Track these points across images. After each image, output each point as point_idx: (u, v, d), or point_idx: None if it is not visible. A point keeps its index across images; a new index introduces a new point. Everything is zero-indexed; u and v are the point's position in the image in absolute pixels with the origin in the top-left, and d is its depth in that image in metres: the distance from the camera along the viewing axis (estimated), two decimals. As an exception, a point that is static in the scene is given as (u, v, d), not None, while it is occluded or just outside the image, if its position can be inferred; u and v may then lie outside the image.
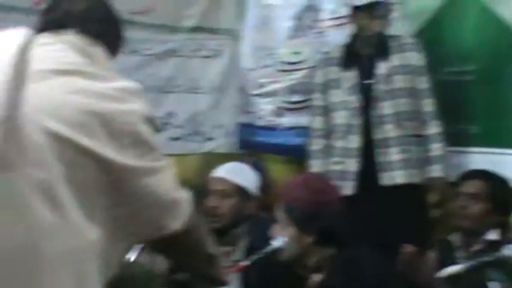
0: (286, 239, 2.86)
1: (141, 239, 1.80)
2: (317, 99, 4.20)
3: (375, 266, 2.84)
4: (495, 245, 3.10)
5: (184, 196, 1.85)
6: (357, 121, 3.95)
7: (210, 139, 5.01)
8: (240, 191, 3.58)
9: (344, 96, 4.02)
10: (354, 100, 3.96)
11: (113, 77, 1.71)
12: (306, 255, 2.84)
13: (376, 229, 3.69)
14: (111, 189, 1.61)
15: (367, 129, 3.93)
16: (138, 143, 1.68)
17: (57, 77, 1.60)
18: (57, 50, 1.71)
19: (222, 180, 3.63)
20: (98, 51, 1.79)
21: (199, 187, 4.81)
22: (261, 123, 4.91)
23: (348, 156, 3.94)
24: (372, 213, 3.78)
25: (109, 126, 1.61)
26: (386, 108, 3.91)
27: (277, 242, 2.88)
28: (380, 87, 3.94)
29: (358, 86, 3.99)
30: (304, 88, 4.69)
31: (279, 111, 4.84)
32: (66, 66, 1.65)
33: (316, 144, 4.14)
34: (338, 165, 3.96)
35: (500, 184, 3.39)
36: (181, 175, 4.23)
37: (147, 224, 1.73)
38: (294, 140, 4.73)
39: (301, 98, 4.73)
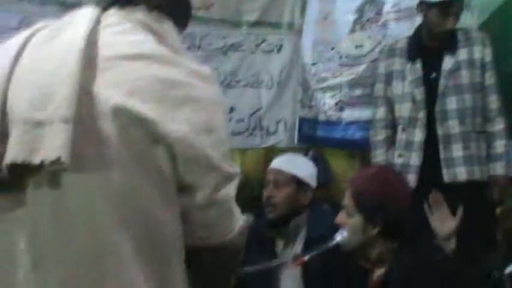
0: (346, 233, 2.84)
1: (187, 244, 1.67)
2: (379, 90, 4.16)
3: (438, 261, 2.81)
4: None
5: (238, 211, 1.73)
6: (420, 115, 3.91)
7: (271, 134, 5.01)
8: (296, 181, 3.58)
9: (408, 88, 3.98)
10: (418, 93, 3.92)
11: (185, 59, 1.63)
12: (369, 246, 2.83)
13: None
14: (176, 178, 1.56)
15: (430, 124, 3.89)
16: (213, 132, 1.61)
17: (128, 63, 1.56)
18: (125, 31, 1.63)
19: (276, 170, 3.65)
20: (167, 28, 1.70)
21: (260, 182, 4.84)
22: (322, 117, 4.90)
23: (410, 150, 3.91)
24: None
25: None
26: (450, 103, 3.86)
27: (339, 237, 2.86)
28: (445, 82, 3.89)
29: (423, 79, 3.95)
30: (365, 82, 4.66)
31: (341, 106, 4.82)
32: (137, 51, 1.58)
33: (379, 135, 4.11)
34: (400, 158, 3.93)
35: None
36: (242, 170, 4.27)
37: (197, 227, 1.63)
38: (356, 135, 4.70)
39: (363, 92, 4.70)
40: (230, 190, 1.65)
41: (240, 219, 1.70)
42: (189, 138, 1.55)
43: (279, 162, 3.73)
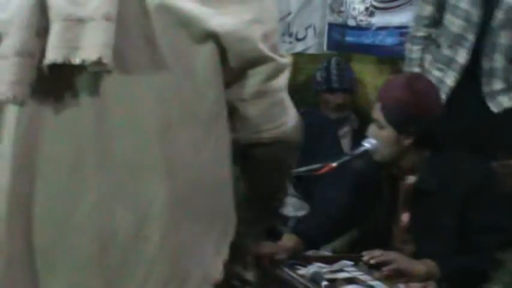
0: (376, 141, 2.84)
1: (238, 139, 1.63)
2: None
3: (470, 169, 2.82)
4: None
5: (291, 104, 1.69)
6: (470, 37, 3.82)
7: (300, 40, 4.98)
8: None
9: (466, 4, 3.86)
10: (475, 15, 3.81)
11: None
12: (402, 156, 2.83)
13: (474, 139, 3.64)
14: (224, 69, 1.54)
15: (476, 51, 3.81)
16: (264, 23, 1.56)
17: None
18: None
19: None
20: None
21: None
22: (351, 23, 4.84)
23: (450, 67, 3.85)
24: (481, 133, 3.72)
25: None
26: (501, 37, 3.77)
27: (368, 144, 2.87)
28: (500, 16, 3.77)
29: (482, 4, 3.82)
30: (396, -13, 4.58)
31: (371, 11, 4.75)
32: None
33: (420, 32, 4.02)
34: (439, 72, 3.87)
35: None
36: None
37: (249, 121, 1.59)
38: (386, 40, 4.65)
39: (394, -3, 4.63)
40: (282, 81, 1.61)
41: (294, 113, 1.67)
42: (238, 30, 1.52)
43: None
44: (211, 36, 1.50)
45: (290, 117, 1.65)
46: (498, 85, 3.76)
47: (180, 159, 1.49)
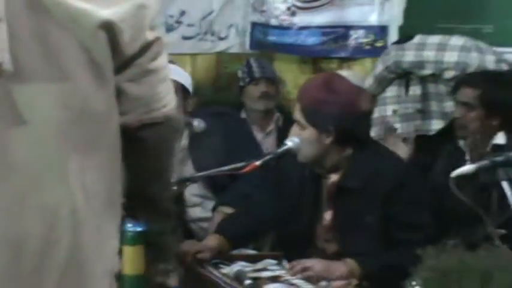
0: (299, 140, 2.86)
1: (129, 122, 1.62)
2: None
3: (391, 166, 2.86)
4: (501, 149, 3.12)
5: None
6: None
7: (222, 39, 4.98)
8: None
9: None
10: None
11: None
12: (325, 155, 2.86)
13: None
14: (114, 51, 1.54)
15: None
16: (148, 8, 1.59)
17: None
18: None
19: None
20: None
21: (211, 87, 4.84)
22: (273, 22, 4.86)
23: None
24: None
25: None
26: None
27: (291, 143, 2.88)
28: None
29: None
30: (317, -14, 4.63)
31: (293, 10, 4.79)
32: None
33: None
34: None
35: (492, 88, 3.31)
36: (193, 75, 4.25)
37: (139, 101, 1.61)
38: (308, 40, 4.69)
39: (315, -4, 4.67)
40: (164, 58, 1.65)
41: (174, 94, 1.70)
42: (130, 17, 1.53)
43: None
44: (104, 27, 1.49)
45: (174, 96, 1.70)
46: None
47: (80, 160, 1.48)
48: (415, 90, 3.92)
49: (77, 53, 1.47)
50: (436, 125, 3.87)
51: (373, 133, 3.69)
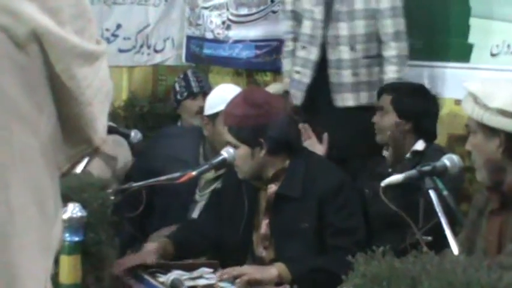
0: (233, 151, 2.91)
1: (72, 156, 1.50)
2: (288, 4, 4.14)
3: (326, 173, 2.93)
4: (420, 156, 3.24)
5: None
6: (319, 34, 3.93)
7: (158, 51, 5.00)
8: None
9: (309, 4, 3.97)
10: (317, 12, 3.93)
11: None
12: (263, 168, 2.91)
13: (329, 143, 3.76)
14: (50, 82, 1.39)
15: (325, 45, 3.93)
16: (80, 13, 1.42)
17: None
18: None
19: None
20: None
21: (148, 100, 4.85)
22: (209, 36, 4.91)
23: (305, 67, 3.95)
24: (326, 128, 3.83)
25: None
26: (342, 29, 3.89)
27: (226, 153, 2.93)
28: (338, 7, 3.89)
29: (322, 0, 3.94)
30: (251, 1, 4.68)
31: (227, 24, 4.84)
32: None
33: (289, 46, 4.12)
34: (298, 75, 3.96)
35: (404, 95, 3.48)
36: (130, 88, 4.27)
37: (79, 130, 1.45)
38: (242, 53, 4.74)
39: (249, 11, 4.72)
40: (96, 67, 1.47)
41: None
42: (57, 29, 1.38)
43: None
44: (32, 38, 1.36)
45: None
46: (347, 78, 3.89)
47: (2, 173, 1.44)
48: None
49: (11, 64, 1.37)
50: None
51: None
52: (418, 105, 3.45)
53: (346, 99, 3.88)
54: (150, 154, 3.68)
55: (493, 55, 3.72)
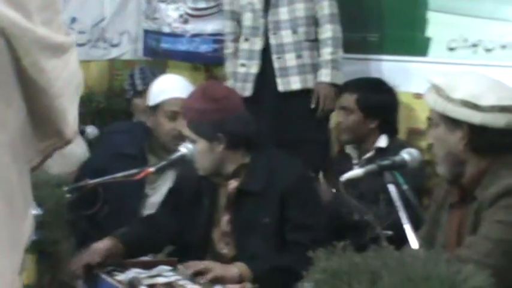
0: (192, 146, 2.89)
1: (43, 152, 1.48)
2: (226, 4, 4.15)
3: (286, 169, 2.91)
4: (384, 152, 3.27)
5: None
6: (260, 23, 3.94)
7: (114, 46, 4.95)
8: None
9: None
10: (257, 2, 3.94)
11: None
12: (223, 163, 2.88)
13: (275, 130, 3.77)
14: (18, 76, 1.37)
15: (267, 33, 3.93)
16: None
17: None
18: None
19: None
20: None
21: (105, 95, 4.80)
22: (166, 30, 4.87)
23: (251, 59, 3.95)
24: (271, 115, 3.84)
25: None
26: (283, 13, 3.91)
27: (185, 149, 2.91)
28: None
29: None
30: (210, -6, 4.67)
31: (185, 18, 4.80)
32: None
33: (228, 48, 4.13)
34: (243, 68, 3.96)
35: (369, 93, 3.50)
36: (86, 83, 4.21)
37: (50, 123, 1.44)
38: (200, 47, 4.72)
39: (207, 4, 4.70)
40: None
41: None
42: (21, 21, 1.35)
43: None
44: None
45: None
46: (290, 61, 3.90)
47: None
48: None
49: None
50: None
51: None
52: (384, 102, 3.50)
53: (293, 83, 3.88)
54: (96, 151, 3.64)
55: (450, 49, 3.75)
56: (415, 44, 3.91)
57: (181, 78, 3.64)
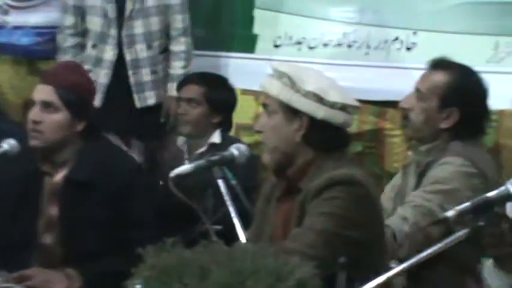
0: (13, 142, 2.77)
1: None
2: None
3: (121, 164, 2.85)
4: (217, 147, 3.30)
5: None
6: (112, 32, 3.87)
7: None
8: None
9: (100, 1, 3.90)
10: (110, 9, 3.86)
11: None
12: (65, 146, 2.74)
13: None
14: None
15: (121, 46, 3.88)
16: None
17: None
18: None
19: None
20: None
21: None
22: (-15, 21, 4.69)
23: (98, 67, 3.89)
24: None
25: None
26: (137, 27, 3.86)
27: (7, 145, 2.77)
28: (132, 5, 3.85)
29: None
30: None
31: (5, 9, 4.64)
32: None
33: (68, 42, 4.02)
34: (89, 73, 3.87)
35: (215, 86, 3.55)
36: None
37: None
38: (22, 40, 4.57)
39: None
40: None
41: None
42: None
43: None
44: None
45: None
46: (146, 76, 3.88)
47: None
48: None
49: None
50: None
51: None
52: (229, 98, 3.53)
53: (149, 98, 3.88)
54: None
55: (276, 46, 3.83)
56: (242, 40, 3.97)
57: None
